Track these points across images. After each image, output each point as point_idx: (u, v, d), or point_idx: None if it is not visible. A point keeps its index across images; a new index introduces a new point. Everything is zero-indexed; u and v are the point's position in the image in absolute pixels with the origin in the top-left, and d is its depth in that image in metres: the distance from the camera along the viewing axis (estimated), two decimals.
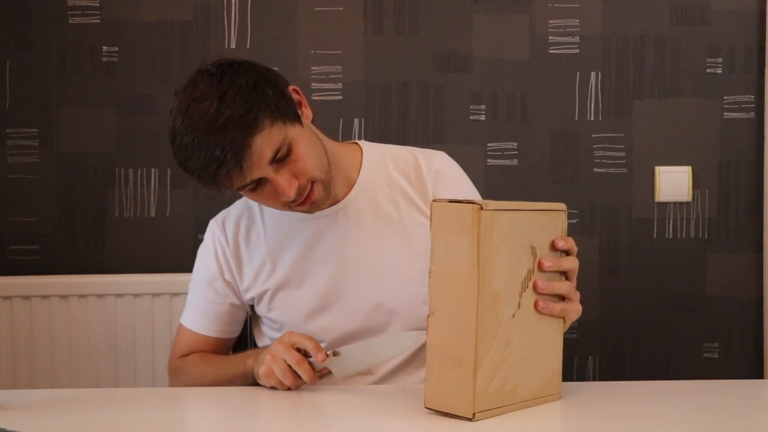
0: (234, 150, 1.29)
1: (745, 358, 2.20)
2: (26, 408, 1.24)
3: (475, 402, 1.11)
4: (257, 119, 1.31)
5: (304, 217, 1.50)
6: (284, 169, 1.36)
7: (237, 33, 2.14)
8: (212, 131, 1.29)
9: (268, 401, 1.34)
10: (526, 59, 2.16)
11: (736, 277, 2.19)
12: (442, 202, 1.13)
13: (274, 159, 1.34)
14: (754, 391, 1.41)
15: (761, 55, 2.15)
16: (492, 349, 1.12)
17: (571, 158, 2.17)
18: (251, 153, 1.31)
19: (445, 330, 1.13)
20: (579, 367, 2.20)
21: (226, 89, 1.31)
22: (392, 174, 1.53)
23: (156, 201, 2.16)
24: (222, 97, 1.30)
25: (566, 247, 1.20)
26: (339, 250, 1.49)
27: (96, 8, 2.13)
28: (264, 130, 1.32)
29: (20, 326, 2.03)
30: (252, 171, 1.33)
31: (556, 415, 1.21)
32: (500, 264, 1.11)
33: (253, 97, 1.32)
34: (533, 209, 1.17)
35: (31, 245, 2.15)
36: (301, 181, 1.37)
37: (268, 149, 1.32)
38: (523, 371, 1.18)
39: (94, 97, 2.14)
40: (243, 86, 1.32)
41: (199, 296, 1.58)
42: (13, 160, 2.14)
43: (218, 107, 1.30)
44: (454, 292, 1.11)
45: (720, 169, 2.18)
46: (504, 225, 1.11)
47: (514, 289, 1.14)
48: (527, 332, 1.17)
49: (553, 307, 1.18)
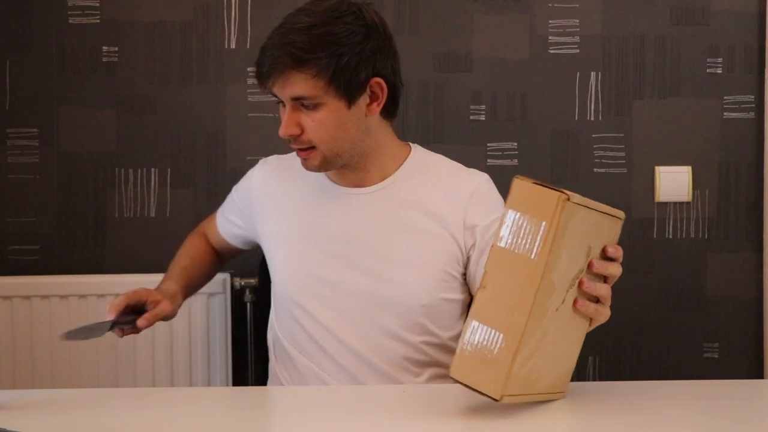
0: (273, 65, 1.38)
1: (745, 358, 2.20)
2: (26, 408, 1.24)
3: (507, 384, 1.09)
4: (311, 61, 1.37)
5: (330, 190, 1.54)
6: (301, 113, 1.42)
7: (237, 33, 2.14)
8: (278, 39, 1.39)
9: (268, 401, 1.34)
10: (526, 59, 2.16)
11: (736, 277, 2.19)
12: (526, 182, 1.11)
13: (298, 100, 1.40)
14: (754, 391, 1.41)
15: (761, 55, 2.15)
16: (533, 338, 1.11)
17: (571, 158, 2.17)
18: (284, 78, 1.38)
19: (492, 306, 1.11)
20: (579, 367, 2.19)
21: (328, 24, 1.38)
22: (431, 179, 1.53)
23: (156, 201, 2.16)
24: (315, 25, 1.38)
25: (615, 255, 1.21)
26: (351, 228, 1.50)
27: (96, 8, 2.13)
28: (303, 75, 1.38)
29: (20, 326, 2.03)
30: (274, 89, 1.41)
31: (556, 415, 1.21)
32: (564, 257, 1.11)
33: (332, 49, 1.37)
34: (602, 211, 1.16)
35: (31, 245, 2.15)
36: (303, 136, 1.42)
37: (293, 89, 1.39)
38: (547, 364, 1.17)
39: (94, 97, 2.14)
40: (337, 34, 1.38)
41: (230, 202, 1.72)
42: (13, 160, 2.14)
43: (304, 28, 1.38)
44: (514, 272, 1.09)
45: (720, 169, 2.18)
46: (578, 220, 1.11)
47: (565, 284, 1.14)
48: (561, 328, 1.17)
49: (589, 307, 1.19)
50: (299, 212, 1.54)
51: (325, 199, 1.53)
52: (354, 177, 1.51)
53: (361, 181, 1.52)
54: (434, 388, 1.44)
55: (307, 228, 1.53)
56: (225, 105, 2.15)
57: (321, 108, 1.40)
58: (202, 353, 2.07)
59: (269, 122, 2.14)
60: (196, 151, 2.15)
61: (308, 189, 1.56)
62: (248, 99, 2.15)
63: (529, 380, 1.14)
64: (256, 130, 2.15)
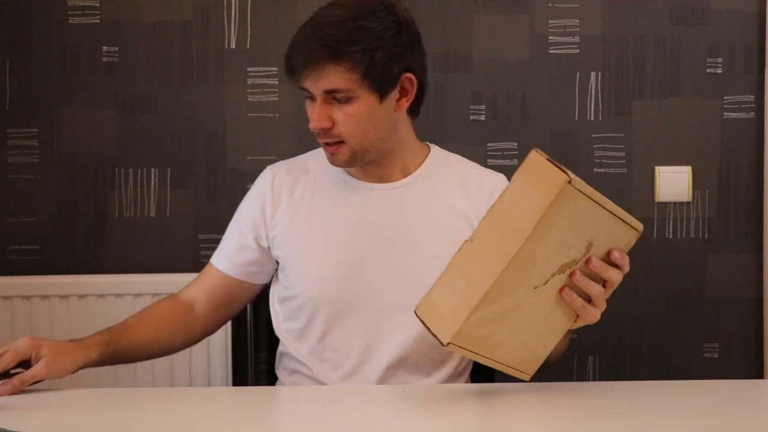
0: (308, 57, 1.37)
1: (745, 358, 2.20)
2: (26, 408, 1.24)
3: (458, 334, 1.12)
4: (346, 55, 1.37)
5: (352, 184, 1.53)
6: (330, 107, 1.41)
7: (237, 33, 2.14)
8: (313, 31, 1.38)
9: (268, 401, 1.34)
10: (526, 59, 2.16)
11: (736, 277, 2.19)
12: (541, 156, 1.12)
13: (328, 93, 1.39)
14: (754, 391, 1.41)
15: (761, 55, 2.15)
16: (498, 302, 1.13)
17: (571, 158, 2.17)
18: (321, 68, 1.37)
19: (472, 261, 1.14)
20: (579, 367, 2.20)
21: (362, 18, 1.38)
22: (451, 178, 1.55)
23: (156, 201, 2.16)
24: (351, 18, 1.38)
25: (620, 262, 1.21)
26: (377, 223, 1.50)
27: (96, 8, 2.13)
28: (339, 68, 1.37)
29: (20, 326, 2.03)
30: (307, 82, 1.39)
31: (557, 414, 1.21)
32: (553, 238, 1.12)
33: (367, 43, 1.38)
34: (612, 212, 1.16)
35: (31, 245, 2.15)
36: (333, 129, 1.42)
37: (327, 82, 1.38)
38: (513, 338, 1.19)
39: (94, 97, 2.14)
40: (372, 28, 1.39)
41: (229, 234, 1.59)
42: (13, 160, 2.14)
43: (339, 21, 1.38)
44: (501, 234, 1.12)
45: (720, 169, 2.18)
46: (578, 208, 1.12)
47: (551, 267, 1.15)
48: (539, 309, 1.18)
49: (575, 300, 1.19)
50: (319, 208, 1.52)
51: (347, 194, 1.52)
52: (377, 173, 1.51)
53: (384, 177, 1.52)
54: (434, 388, 1.44)
55: (329, 223, 1.51)
56: (225, 105, 2.15)
57: (353, 101, 1.40)
58: (202, 353, 2.07)
59: (269, 122, 2.14)
60: (196, 151, 2.15)
61: (328, 185, 1.54)
62: (248, 99, 2.15)
63: (486, 342, 1.16)
64: (256, 130, 2.15)
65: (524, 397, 1.26)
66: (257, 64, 2.14)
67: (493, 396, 1.28)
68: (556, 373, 2.16)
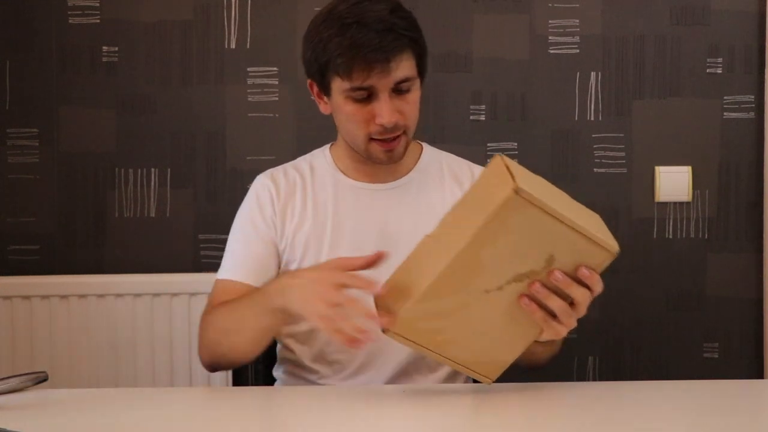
0: (389, 48, 1.36)
1: (745, 358, 2.20)
2: (26, 408, 1.24)
3: (397, 322, 1.15)
4: (415, 41, 1.40)
5: (353, 186, 1.52)
6: (396, 100, 1.41)
7: (237, 33, 2.14)
8: (379, 24, 1.36)
9: (269, 401, 1.34)
10: (526, 59, 2.16)
11: (736, 277, 2.19)
12: (501, 162, 1.14)
13: (398, 84, 1.39)
14: (754, 391, 1.41)
15: (761, 55, 2.15)
16: (444, 299, 1.14)
17: (571, 158, 2.17)
18: (398, 60, 1.37)
19: (425, 255, 1.17)
20: (579, 367, 2.20)
21: (400, 8, 1.41)
22: (446, 174, 1.57)
23: (156, 201, 2.16)
24: (394, 11, 1.39)
25: (588, 281, 1.15)
26: (381, 224, 1.50)
27: (96, 8, 2.13)
28: (411, 56, 1.40)
29: (20, 326, 2.03)
30: (384, 76, 1.37)
31: (557, 414, 1.21)
32: (502, 244, 1.12)
33: (417, 29, 1.43)
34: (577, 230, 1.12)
35: (31, 245, 2.15)
36: (400, 120, 1.42)
37: (403, 71, 1.39)
38: (466, 337, 1.19)
39: (94, 97, 2.14)
40: (411, 16, 1.43)
41: (235, 244, 1.52)
42: (13, 160, 2.14)
43: (390, 14, 1.38)
44: (453, 233, 1.15)
45: (720, 169, 2.18)
46: (529, 218, 1.10)
47: (504, 273, 1.14)
48: (494, 313, 1.17)
49: (535, 311, 1.16)
50: (324, 211, 1.51)
51: (350, 197, 1.52)
52: (384, 171, 1.52)
53: (387, 176, 1.53)
54: (435, 388, 1.44)
55: (335, 226, 1.50)
56: (225, 105, 2.15)
57: (414, 89, 1.43)
58: None
59: (269, 122, 2.14)
60: (196, 151, 2.15)
61: (329, 189, 1.53)
62: (248, 99, 2.15)
63: (434, 337, 1.18)
64: (256, 130, 2.15)
65: (524, 397, 1.26)
66: (257, 64, 2.14)
67: (493, 396, 1.28)
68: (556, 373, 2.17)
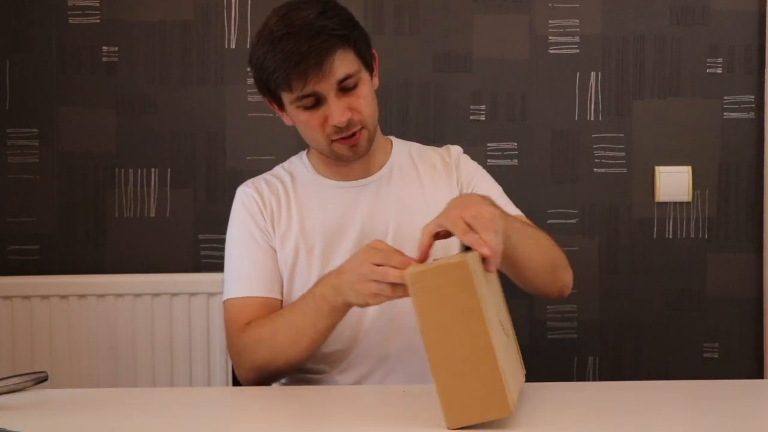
0: (319, 51, 1.37)
1: (745, 358, 2.20)
2: (26, 408, 1.24)
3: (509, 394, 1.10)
4: (348, 37, 1.40)
5: (335, 186, 1.53)
6: (344, 99, 1.42)
7: (237, 33, 2.14)
8: (306, 31, 1.37)
9: (268, 401, 1.34)
10: (526, 59, 2.15)
11: (736, 277, 2.19)
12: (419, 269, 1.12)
13: (341, 83, 1.40)
14: (754, 391, 1.41)
15: (761, 55, 2.15)
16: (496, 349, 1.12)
17: (571, 158, 2.17)
18: (332, 61, 1.38)
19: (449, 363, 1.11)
20: (579, 367, 2.20)
21: (329, 7, 1.41)
22: (416, 161, 1.59)
23: (156, 201, 2.16)
24: (323, 12, 1.40)
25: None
26: (365, 220, 1.51)
27: (96, 8, 2.13)
28: (347, 52, 1.40)
29: (20, 326, 2.03)
30: (323, 79, 1.38)
31: (557, 414, 1.21)
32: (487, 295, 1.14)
33: (350, 24, 1.43)
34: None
35: (31, 245, 2.15)
36: (354, 116, 1.42)
37: (342, 69, 1.39)
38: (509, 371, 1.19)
39: (94, 97, 2.14)
40: (343, 12, 1.43)
41: (240, 260, 1.52)
42: (13, 160, 2.14)
43: (317, 16, 1.39)
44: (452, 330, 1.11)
45: (720, 169, 2.18)
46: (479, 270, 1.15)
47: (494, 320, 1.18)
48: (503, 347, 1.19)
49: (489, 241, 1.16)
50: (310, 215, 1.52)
51: (332, 197, 1.53)
52: (359, 168, 1.53)
53: (363, 172, 1.54)
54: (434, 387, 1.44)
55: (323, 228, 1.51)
56: (225, 105, 2.15)
57: (360, 84, 1.43)
58: (202, 353, 2.07)
59: (269, 122, 2.14)
60: (196, 151, 2.15)
61: (311, 192, 1.54)
62: (248, 99, 2.15)
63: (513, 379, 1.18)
64: (256, 130, 2.15)
65: (524, 396, 1.26)
66: None
67: None
68: (556, 373, 2.17)
